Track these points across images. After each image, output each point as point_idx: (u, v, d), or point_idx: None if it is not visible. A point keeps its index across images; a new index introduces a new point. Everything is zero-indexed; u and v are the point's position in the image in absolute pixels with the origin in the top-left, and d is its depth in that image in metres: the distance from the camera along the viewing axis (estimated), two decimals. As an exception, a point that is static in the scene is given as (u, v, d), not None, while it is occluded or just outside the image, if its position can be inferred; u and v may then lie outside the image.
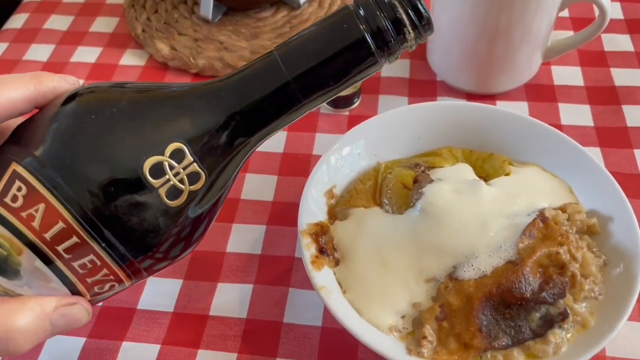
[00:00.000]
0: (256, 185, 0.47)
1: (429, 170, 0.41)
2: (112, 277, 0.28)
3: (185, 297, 0.41)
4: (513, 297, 0.33)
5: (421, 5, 0.27)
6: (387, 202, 0.40)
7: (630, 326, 0.39)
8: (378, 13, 0.27)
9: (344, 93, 0.52)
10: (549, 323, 0.33)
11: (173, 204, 0.27)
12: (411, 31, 0.28)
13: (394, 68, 0.57)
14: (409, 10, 0.27)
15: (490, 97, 0.53)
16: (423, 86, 0.55)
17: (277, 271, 0.42)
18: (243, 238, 0.44)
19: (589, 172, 0.40)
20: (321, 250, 0.37)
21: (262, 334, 0.39)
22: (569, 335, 0.34)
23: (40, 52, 0.61)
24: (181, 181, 0.27)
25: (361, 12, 0.27)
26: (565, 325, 0.34)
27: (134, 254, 0.28)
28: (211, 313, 0.40)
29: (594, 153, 0.49)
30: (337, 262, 0.38)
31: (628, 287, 0.35)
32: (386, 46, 0.28)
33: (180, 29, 0.60)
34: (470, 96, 0.54)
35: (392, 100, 0.54)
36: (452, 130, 0.44)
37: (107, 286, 0.29)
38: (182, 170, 0.27)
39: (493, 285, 0.34)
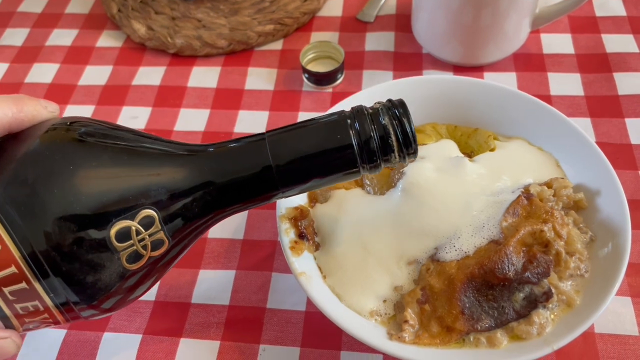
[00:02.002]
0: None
1: (411, 148, 0.40)
2: (50, 320, 0.29)
3: (167, 285, 0.41)
4: (496, 277, 0.33)
5: (411, 132, 0.29)
6: (368, 182, 0.39)
7: (619, 301, 0.38)
8: (372, 134, 0.28)
9: (326, 69, 0.51)
10: (533, 303, 0.33)
11: (131, 267, 0.28)
12: (397, 156, 0.29)
13: (379, 41, 0.55)
14: (399, 135, 0.29)
15: (477, 69, 0.52)
16: (408, 59, 0.53)
17: (260, 256, 0.42)
18: (224, 223, 0.43)
19: (575, 145, 0.39)
20: (300, 235, 0.36)
21: (245, 321, 0.39)
22: (553, 315, 0.33)
23: (15, 36, 0.59)
24: (144, 247, 0.28)
25: (356, 126, 0.29)
26: (550, 305, 0.33)
27: (78, 305, 0.28)
28: (193, 301, 0.40)
29: (584, 123, 0.47)
30: (317, 247, 0.37)
31: (615, 262, 0.34)
32: (370, 162, 0.29)
33: (157, 8, 0.58)
34: (457, 68, 0.52)
35: (377, 75, 0.52)
36: (436, 105, 0.43)
37: (42, 325, 0.29)
38: (147, 237, 0.28)
39: (475, 266, 0.33)
